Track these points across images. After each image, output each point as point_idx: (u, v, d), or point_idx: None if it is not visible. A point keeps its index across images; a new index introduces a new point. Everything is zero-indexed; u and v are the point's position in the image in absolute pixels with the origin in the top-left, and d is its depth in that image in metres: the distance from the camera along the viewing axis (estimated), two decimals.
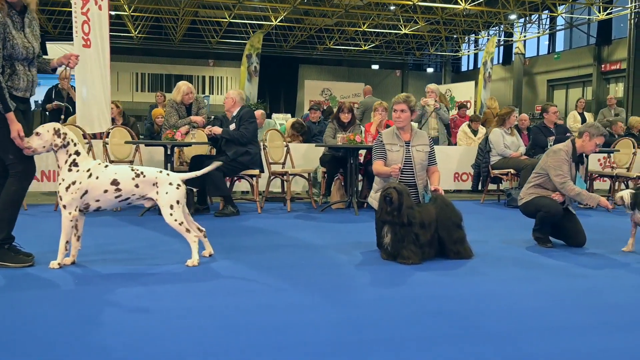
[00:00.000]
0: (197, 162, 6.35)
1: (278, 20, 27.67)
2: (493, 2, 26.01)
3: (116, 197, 3.83)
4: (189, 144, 6.60)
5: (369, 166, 7.03)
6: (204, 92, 34.55)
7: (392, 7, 25.96)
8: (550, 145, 7.60)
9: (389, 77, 36.46)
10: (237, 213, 6.27)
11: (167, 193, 3.88)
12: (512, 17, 28.67)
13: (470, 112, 17.46)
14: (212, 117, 8.97)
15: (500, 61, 32.70)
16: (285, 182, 6.75)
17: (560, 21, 28.15)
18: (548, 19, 28.33)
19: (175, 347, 2.43)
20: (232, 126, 6.45)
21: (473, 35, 32.03)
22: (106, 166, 3.87)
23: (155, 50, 33.77)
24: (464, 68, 36.88)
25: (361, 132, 7.11)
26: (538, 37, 30.08)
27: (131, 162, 6.96)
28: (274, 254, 4.36)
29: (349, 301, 3.19)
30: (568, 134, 7.96)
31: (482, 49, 34.37)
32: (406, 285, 3.59)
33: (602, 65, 26.55)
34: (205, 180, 6.21)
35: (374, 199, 4.56)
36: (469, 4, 23.86)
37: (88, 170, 3.77)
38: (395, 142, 4.64)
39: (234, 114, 6.56)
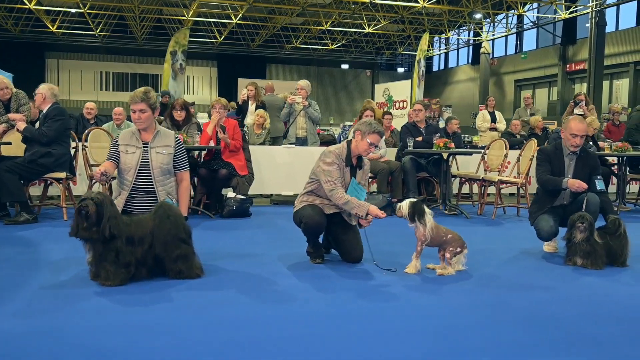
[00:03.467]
0: None
1: (238, 18, 27.11)
2: (455, 1, 25.41)
3: None
4: None
5: (200, 169, 6.46)
6: None
7: (354, 5, 25.33)
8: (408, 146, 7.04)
9: (360, 77, 35.87)
10: (32, 220, 5.65)
11: None
12: (478, 16, 28.09)
13: (406, 112, 16.86)
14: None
15: (470, 61, 32.15)
16: (102, 186, 6.12)
17: (526, 20, 27.54)
18: (515, 18, 27.73)
19: None
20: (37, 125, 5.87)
21: (443, 35, 31.35)
22: None
23: (120, 49, 33.15)
24: (435, 68, 36.30)
25: (199, 130, 6.51)
26: (506, 37, 29.48)
27: None
28: None
29: None
30: (438, 134, 7.36)
31: (452, 48, 33.88)
32: (62, 316, 2.96)
33: (567, 65, 25.99)
34: None
35: None
36: (428, 2, 23.23)
37: None
38: (132, 144, 4.02)
39: (44, 111, 5.96)
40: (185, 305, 3.15)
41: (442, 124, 14.87)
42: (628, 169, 7.83)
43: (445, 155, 6.77)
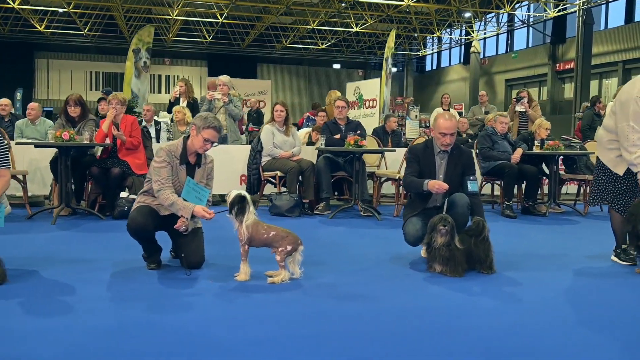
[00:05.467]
0: None
1: (223, 17, 26.86)
2: (442, 0, 24.96)
3: None
4: None
5: (92, 167, 6.15)
6: (159, 91, 33.72)
7: (343, 4, 24.98)
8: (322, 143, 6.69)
9: (351, 77, 35.42)
10: None
11: None
12: (467, 15, 27.62)
13: (376, 111, 16.47)
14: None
15: (461, 61, 31.65)
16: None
17: (517, 19, 27.03)
18: (505, 17, 27.22)
19: None
20: None
21: (434, 34, 30.85)
22: None
23: (110, 49, 32.96)
24: (427, 67, 35.85)
25: (97, 127, 6.19)
26: (497, 36, 28.99)
27: None
28: None
29: None
30: (359, 131, 7.00)
31: (444, 48, 33.43)
32: None
33: (557, 65, 25.45)
34: None
35: None
36: (413, 1, 22.79)
37: None
38: None
39: None
40: None
41: (409, 122, 14.50)
42: (564, 168, 7.42)
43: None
